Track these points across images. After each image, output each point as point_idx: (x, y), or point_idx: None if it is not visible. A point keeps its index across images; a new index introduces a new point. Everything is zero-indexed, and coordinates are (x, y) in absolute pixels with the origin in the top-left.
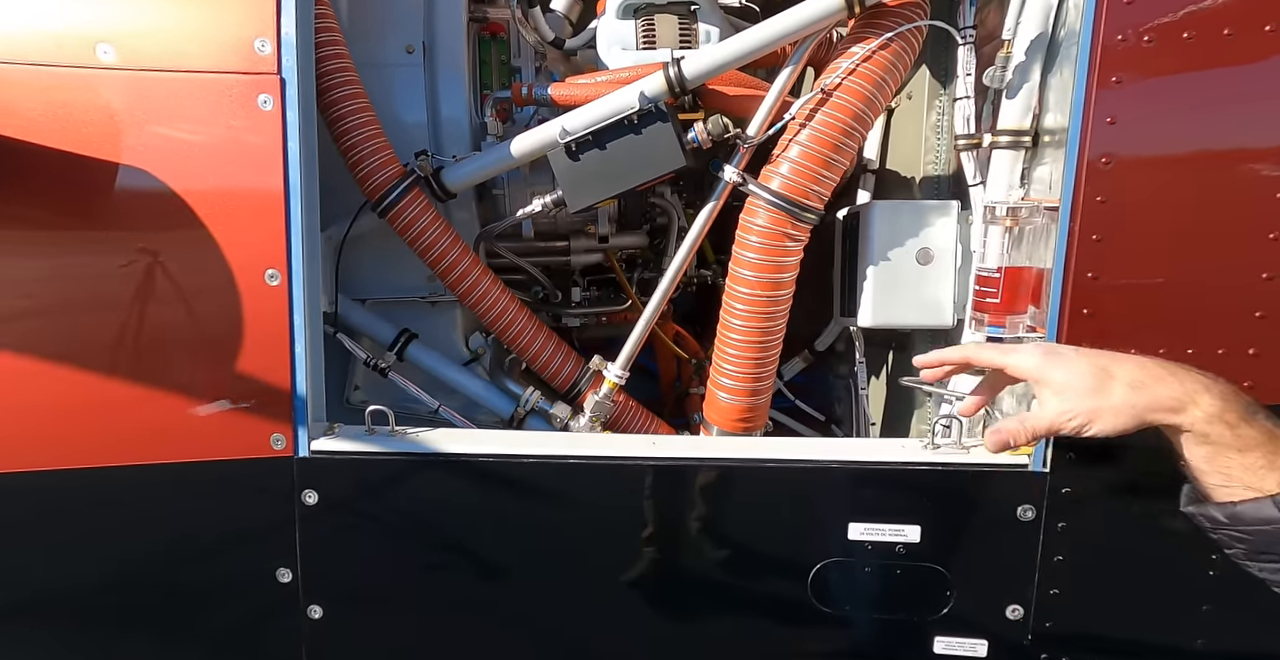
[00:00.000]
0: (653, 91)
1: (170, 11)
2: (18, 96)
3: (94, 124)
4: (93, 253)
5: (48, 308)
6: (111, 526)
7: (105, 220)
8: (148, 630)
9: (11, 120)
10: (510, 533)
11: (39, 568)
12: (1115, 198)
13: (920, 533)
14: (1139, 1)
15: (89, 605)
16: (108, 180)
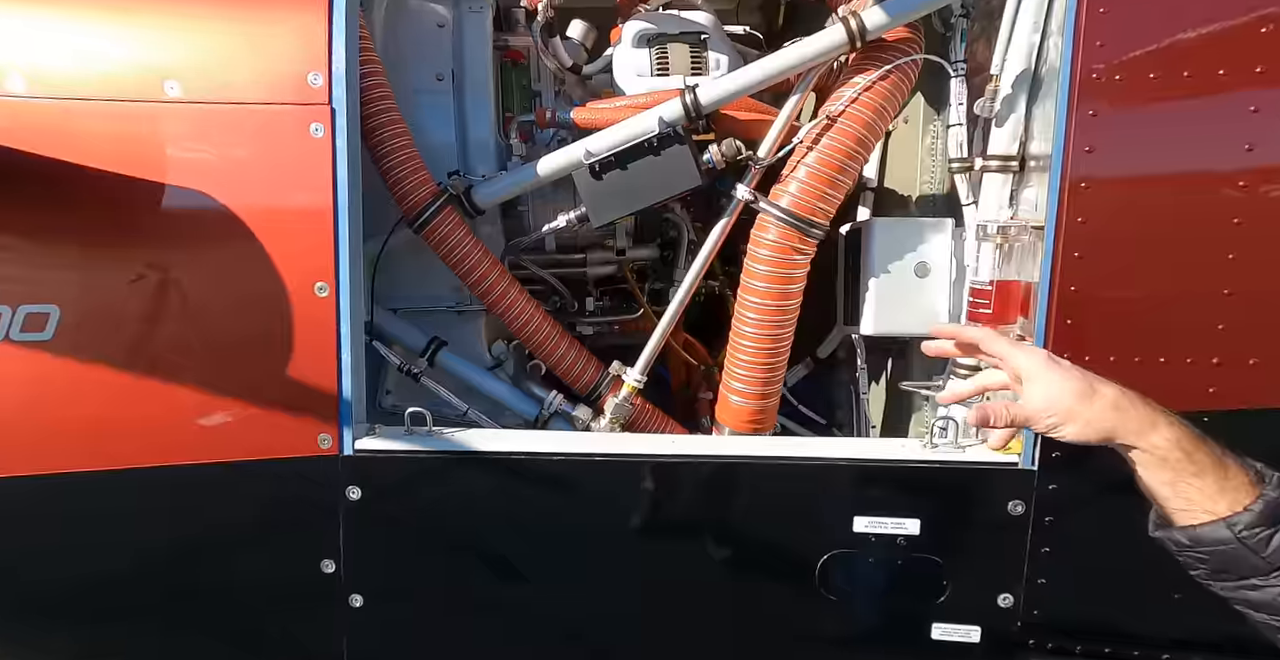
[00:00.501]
0: (671, 116)
1: (231, 49)
2: (91, 128)
3: (160, 153)
4: (159, 268)
5: (122, 317)
6: (167, 521)
7: (169, 238)
8: (198, 619)
9: (86, 151)
10: (541, 525)
11: (112, 560)
12: (1093, 219)
13: (919, 526)
14: (1110, 44)
15: (146, 596)
16: (173, 203)
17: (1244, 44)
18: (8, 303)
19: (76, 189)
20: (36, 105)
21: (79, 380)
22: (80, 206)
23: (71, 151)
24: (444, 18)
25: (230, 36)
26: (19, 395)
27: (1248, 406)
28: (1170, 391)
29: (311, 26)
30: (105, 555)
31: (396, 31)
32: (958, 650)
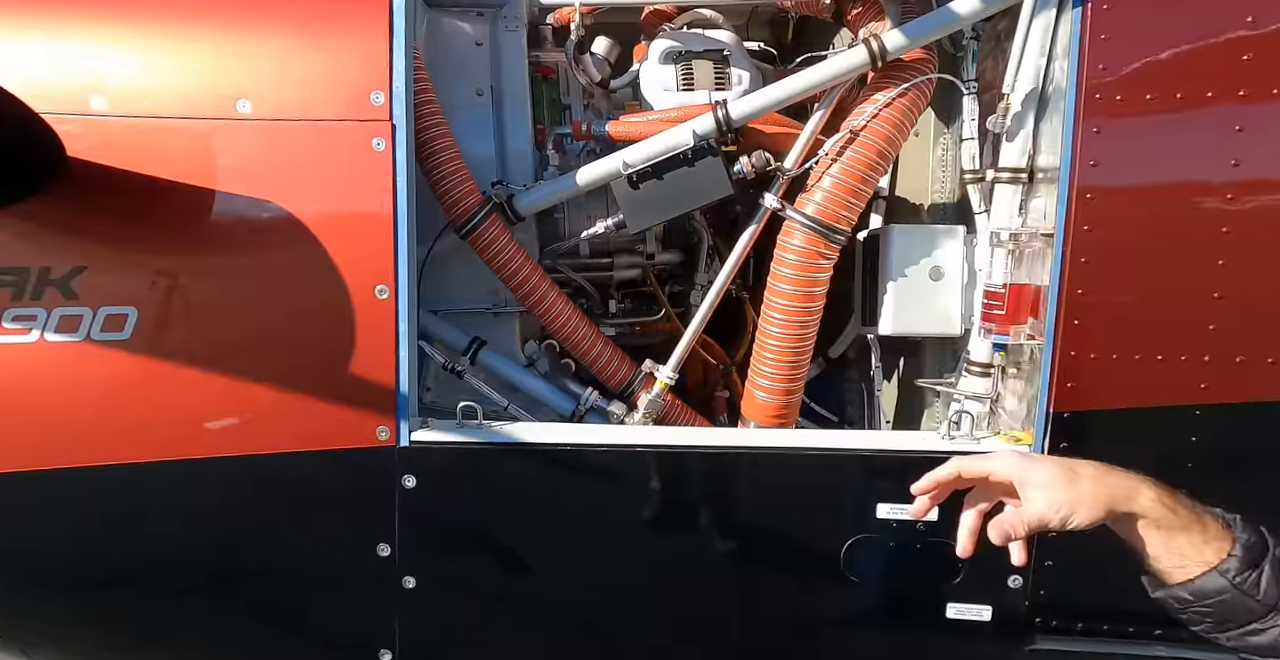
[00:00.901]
0: (704, 129)
1: (298, 71)
2: (169, 144)
3: (232, 166)
4: (230, 273)
5: (195, 319)
6: (240, 508)
7: (240, 245)
8: (264, 598)
9: (164, 165)
10: (585, 512)
11: (191, 543)
12: (1098, 227)
13: (938, 512)
14: (1111, 67)
15: (221, 575)
16: (243, 213)
17: (1229, 69)
18: (89, 304)
19: (155, 201)
20: (119, 123)
21: (156, 377)
22: (158, 217)
23: (150, 166)
24: (482, 36)
25: (298, 59)
26: (100, 391)
27: (1235, 400)
28: (1166, 387)
29: (374, 49)
30: (184, 539)
31: (438, 49)
32: (970, 628)
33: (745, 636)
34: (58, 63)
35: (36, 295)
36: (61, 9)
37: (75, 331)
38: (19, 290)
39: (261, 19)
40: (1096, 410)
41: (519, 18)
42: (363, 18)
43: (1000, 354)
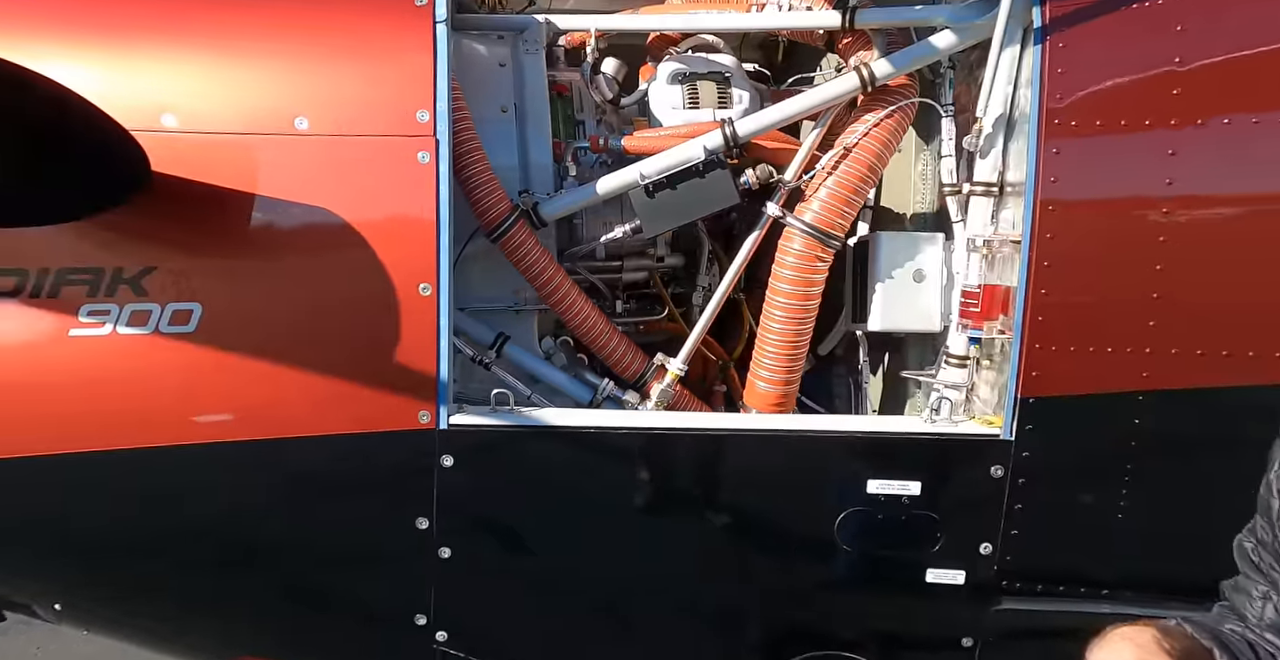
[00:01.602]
0: (713, 145)
1: (351, 91)
2: (234, 157)
3: (290, 177)
4: (290, 272)
5: (258, 315)
6: (296, 483)
7: (298, 248)
8: (307, 566)
9: (230, 176)
10: (607, 487)
11: (256, 516)
12: (1058, 235)
13: (920, 487)
14: (1066, 97)
15: (266, 546)
16: (300, 219)
17: (1162, 101)
18: (157, 301)
19: (221, 208)
20: (188, 138)
21: (220, 366)
22: (224, 222)
23: (216, 177)
24: (504, 58)
25: (350, 81)
26: (168, 379)
27: (1172, 387)
28: (1114, 375)
29: (420, 72)
30: (244, 513)
31: (465, 70)
32: (946, 591)
33: (750, 600)
34: (135, 84)
35: (110, 292)
36: (142, 37)
37: (144, 325)
38: (94, 288)
39: (317, 46)
40: (1057, 396)
41: (538, 41)
42: (408, 45)
43: (975, 347)
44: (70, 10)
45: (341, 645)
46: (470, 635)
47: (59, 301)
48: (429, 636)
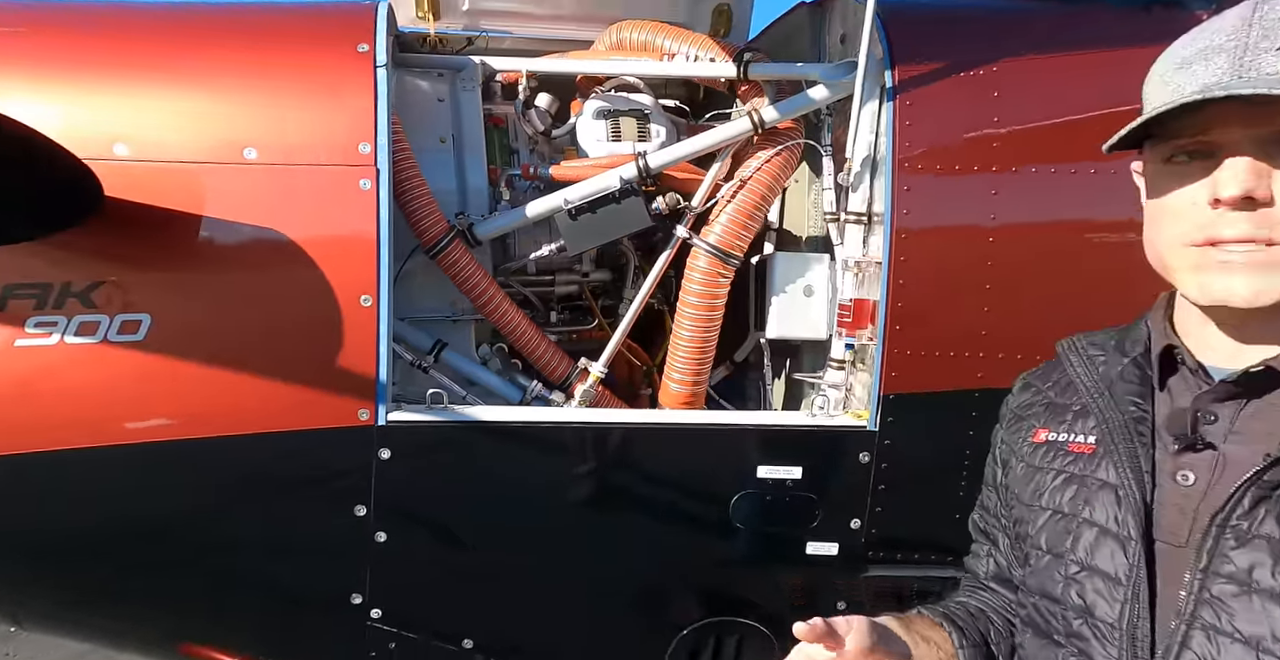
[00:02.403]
0: (628, 175)
1: (299, 126)
2: (186, 184)
3: (241, 202)
4: (242, 286)
5: (210, 327)
6: (243, 476)
7: (249, 264)
8: (254, 551)
9: (182, 201)
10: (532, 476)
11: (200, 507)
12: (910, 257)
13: (801, 472)
14: (913, 145)
15: (214, 534)
16: (252, 239)
17: (985, 151)
18: (105, 312)
19: (174, 231)
20: (142, 167)
21: (174, 371)
22: (177, 243)
23: (170, 202)
24: (443, 94)
25: (298, 116)
26: (122, 382)
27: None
28: (956, 376)
29: (362, 109)
30: (195, 503)
31: (408, 104)
32: (823, 561)
33: (658, 575)
34: (91, 116)
35: (58, 305)
36: (99, 73)
37: (93, 334)
38: (42, 301)
39: (268, 85)
40: (912, 393)
41: (474, 79)
42: (351, 85)
43: (850, 352)
44: (35, 48)
45: (280, 625)
46: (402, 613)
47: (5, 314)
48: (364, 614)
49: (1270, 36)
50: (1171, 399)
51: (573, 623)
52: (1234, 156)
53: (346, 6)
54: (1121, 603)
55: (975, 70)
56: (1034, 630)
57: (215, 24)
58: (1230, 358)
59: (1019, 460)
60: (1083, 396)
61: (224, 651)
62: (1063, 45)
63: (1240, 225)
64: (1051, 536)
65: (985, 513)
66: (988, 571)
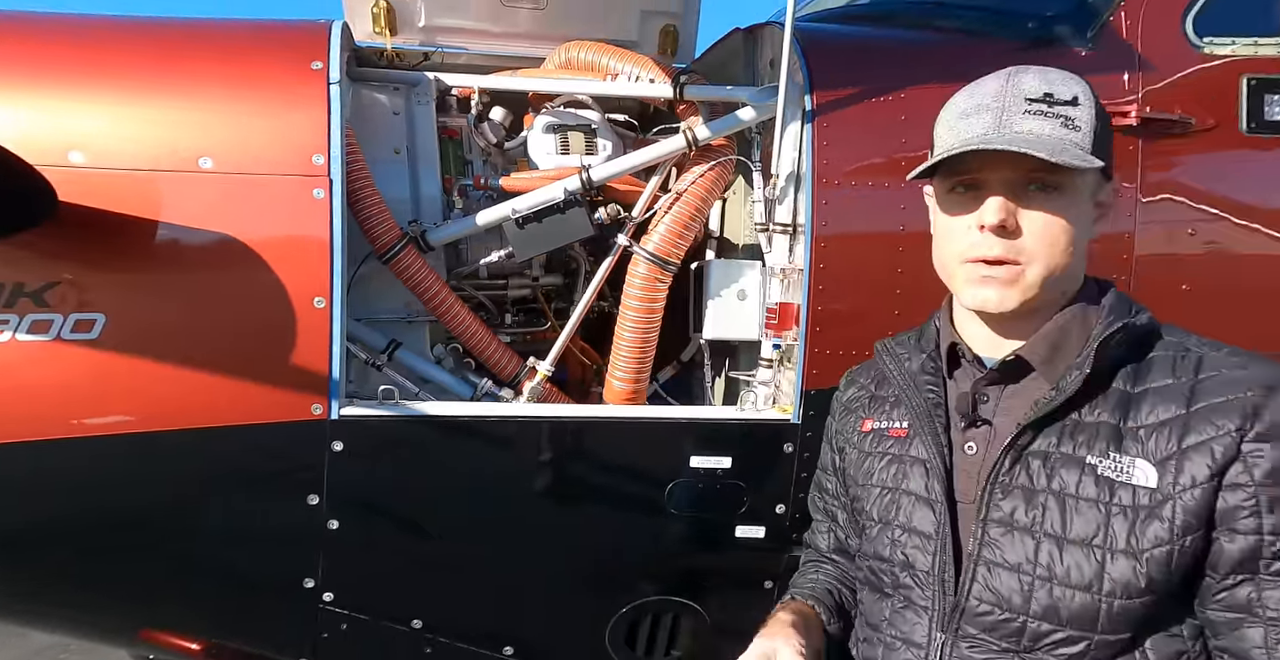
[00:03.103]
0: (572, 187)
1: (255, 137)
2: (142, 192)
3: (198, 208)
4: (199, 288)
5: (166, 327)
6: (201, 468)
7: (206, 268)
8: (211, 539)
9: (138, 207)
10: (479, 468)
11: (158, 497)
12: (829, 265)
13: (731, 462)
14: (830, 163)
15: (175, 523)
16: (210, 243)
17: (893, 169)
18: (59, 311)
19: (131, 235)
20: (98, 174)
21: (130, 368)
22: (134, 246)
23: (125, 208)
24: (399, 107)
25: (254, 128)
26: (77, 378)
27: None
28: None
29: (316, 123)
30: (152, 493)
31: (364, 116)
32: (751, 544)
33: (597, 558)
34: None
35: (10, 304)
36: (57, 83)
37: (45, 333)
38: None
39: (224, 98)
40: (832, 388)
41: (429, 94)
42: (305, 100)
43: (777, 351)
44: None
45: (236, 609)
46: (353, 595)
47: None
48: (316, 597)
49: (1019, 102)
50: (957, 385)
51: (517, 603)
52: (993, 194)
53: (303, 24)
54: (933, 554)
55: (886, 96)
56: (869, 587)
57: (175, 38)
58: (994, 349)
59: (853, 447)
60: (895, 389)
61: (183, 637)
62: (962, 75)
63: (996, 248)
64: (881, 508)
65: (824, 494)
66: (829, 545)
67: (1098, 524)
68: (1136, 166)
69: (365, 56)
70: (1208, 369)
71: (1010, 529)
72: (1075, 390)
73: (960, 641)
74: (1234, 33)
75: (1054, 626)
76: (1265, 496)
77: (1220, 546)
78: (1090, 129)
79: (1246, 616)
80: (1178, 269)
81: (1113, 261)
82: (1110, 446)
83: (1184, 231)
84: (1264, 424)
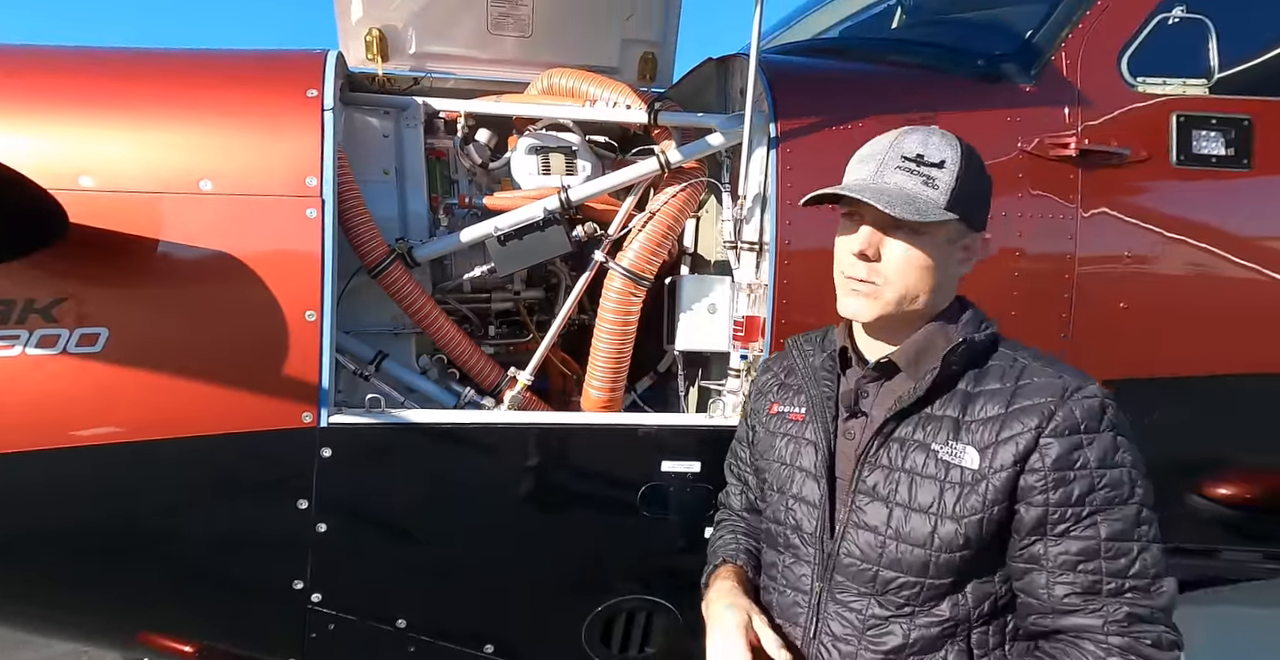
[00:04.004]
0: (551, 206)
1: (252, 161)
2: (146, 212)
3: (198, 228)
4: (203, 304)
5: (167, 341)
6: (193, 474)
7: (204, 283)
8: (204, 542)
9: (142, 227)
10: (462, 473)
11: (158, 503)
12: (790, 280)
13: (700, 466)
14: (793, 186)
15: (173, 527)
16: (208, 259)
17: None
18: (65, 326)
19: (133, 254)
20: (106, 197)
21: (131, 379)
22: (136, 263)
23: (130, 228)
24: (388, 130)
25: (251, 152)
26: (82, 389)
27: None
28: None
29: (309, 147)
30: (149, 499)
31: (355, 139)
32: None
33: (576, 559)
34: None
35: (21, 320)
36: (68, 112)
37: (53, 347)
38: (5, 317)
39: (223, 122)
40: None
41: (417, 117)
42: (300, 126)
43: (745, 362)
44: (6, 89)
45: (229, 612)
46: (341, 596)
47: None
48: (305, 598)
49: (895, 159)
50: (847, 382)
51: (498, 602)
52: (864, 225)
53: (300, 54)
54: (816, 520)
55: (845, 124)
56: (769, 545)
57: (180, 68)
58: (874, 353)
59: (762, 426)
60: (799, 379)
61: (178, 639)
62: (916, 106)
63: (860, 270)
64: (780, 480)
65: (738, 461)
66: (741, 504)
67: (934, 496)
68: (1077, 193)
69: (358, 81)
70: (1026, 377)
71: (873, 499)
72: (927, 389)
73: (833, 588)
74: (1164, 73)
75: (897, 573)
76: (1051, 479)
77: (1020, 515)
78: (948, 189)
79: (1035, 566)
80: (1116, 287)
81: (1056, 280)
82: (950, 435)
83: (1121, 253)
84: (1054, 424)
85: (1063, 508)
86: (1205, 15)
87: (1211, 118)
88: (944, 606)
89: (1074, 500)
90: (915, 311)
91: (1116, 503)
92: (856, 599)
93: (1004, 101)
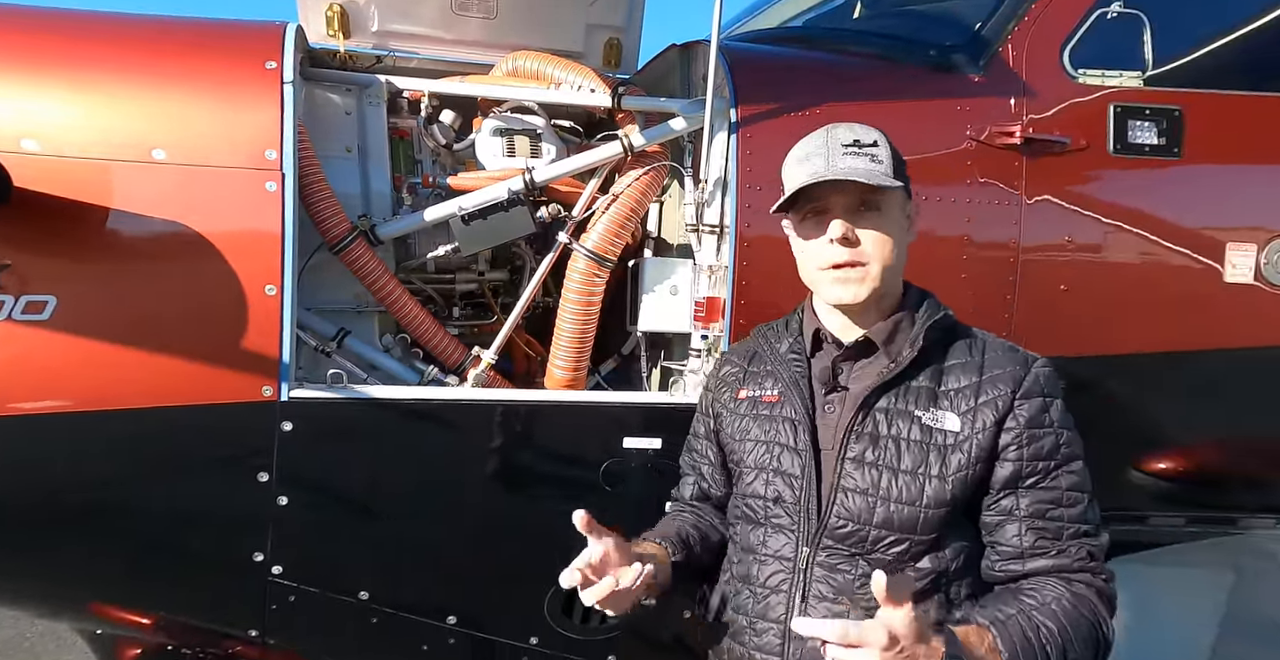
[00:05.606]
0: (516, 187)
1: (210, 131)
2: (97, 179)
3: (152, 197)
4: (156, 276)
5: (133, 310)
6: (155, 445)
7: (160, 257)
8: (166, 514)
9: (92, 194)
10: (423, 448)
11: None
12: (750, 262)
13: (661, 443)
14: (753, 171)
15: (128, 498)
16: (164, 233)
17: None
18: (11, 293)
19: (84, 222)
20: (51, 161)
21: (82, 349)
22: (87, 233)
23: (78, 195)
24: (350, 107)
25: (209, 123)
26: (29, 357)
27: None
28: None
29: (269, 120)
30: (103, 469)
31: (316, 115)
32: None
33: (536, 531)
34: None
35: None
36: (12, 72)
37: None
38: None
39: (178, 91)
40: None
41: (380, 95)
42: (259, 98)
43: (705, 342)
44: None
45: (189, 583)
46: (301, 568)
47: None
48: (265, 570)
49: (838, 148)
50: (819, 362)
51: (460, 574)
52: (835, 217)
53: (259, 25)
54: (799, 490)
55: (805, 110)
56: (744, 521)
57: (134, 34)
58: (848, 334)
59: (729, 412)
60: (767, 364)
61: (133, 611)
62: (874, 94)
63: (845, 255)
64: (758, 457)
65: (694, 453)
66: (692, 494)
67: (920, 458)
68: (1021, 179)
69: (319, 57)
70: (990, 350)
71: (861, 464)
72: (908, 363)
73: (820, 551)
74: (1103, 66)
75: (887, 532)
76: (1025, 436)
77: (997, 471)
78: (889, 162)
79: (1008, 518)
80: (1058, 270)
81: (1001, 264)
82: (930, 403)
83: (1062, 237)
84: (1023, 388)
85: (1034, 462)
86: (1140, 10)
87: (1146, 109)
88: (926, 562)
89: (1044, 455)
90: (894, 284)
91: (1071, 458)
92: (844, 561)
93: (954, 91)
